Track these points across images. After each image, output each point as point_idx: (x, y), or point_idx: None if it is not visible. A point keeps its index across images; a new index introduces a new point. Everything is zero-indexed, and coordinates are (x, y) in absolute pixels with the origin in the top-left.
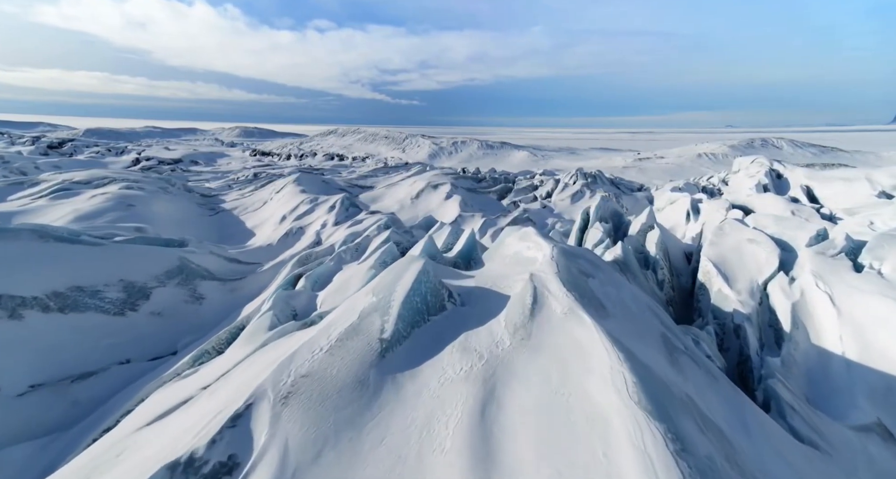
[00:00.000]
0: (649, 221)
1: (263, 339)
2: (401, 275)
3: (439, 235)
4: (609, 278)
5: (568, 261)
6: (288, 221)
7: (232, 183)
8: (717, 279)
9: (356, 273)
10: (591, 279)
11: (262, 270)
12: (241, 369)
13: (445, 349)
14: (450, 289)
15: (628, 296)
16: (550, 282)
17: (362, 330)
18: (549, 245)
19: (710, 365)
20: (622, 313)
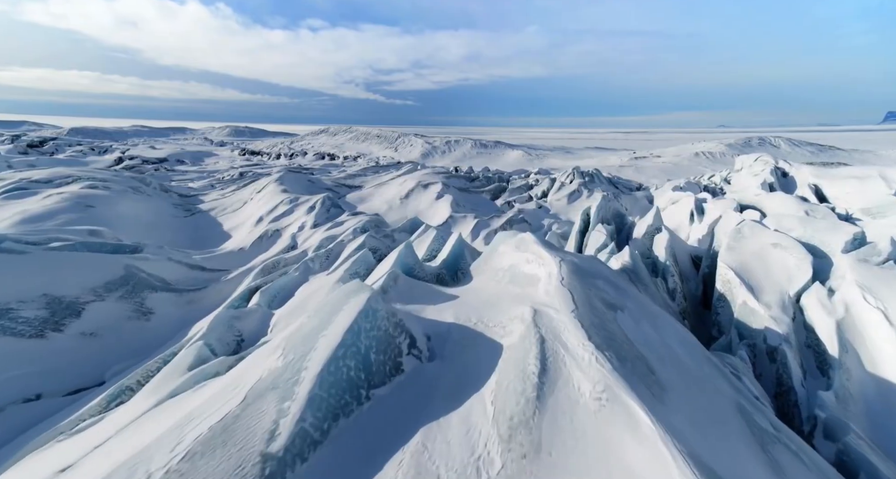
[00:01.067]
0: (656, 222)
1: (174, 386)
2: (330, 317)
3: (423, 241)
4: (642, 307)
5: (584, 285)
6: (264, 223)
7: (215, 183)
8: (741, 290)
9: (322, 286)
10: (619, 314)
11: (227, 278)
12: (120, 441)
13: (386, 472)
14: (411, 333)
15: (673, 336)
16: (566, 329)
17: (238, 432)
18: (554, 259)
19: (816, 458)
20: (678, 378)
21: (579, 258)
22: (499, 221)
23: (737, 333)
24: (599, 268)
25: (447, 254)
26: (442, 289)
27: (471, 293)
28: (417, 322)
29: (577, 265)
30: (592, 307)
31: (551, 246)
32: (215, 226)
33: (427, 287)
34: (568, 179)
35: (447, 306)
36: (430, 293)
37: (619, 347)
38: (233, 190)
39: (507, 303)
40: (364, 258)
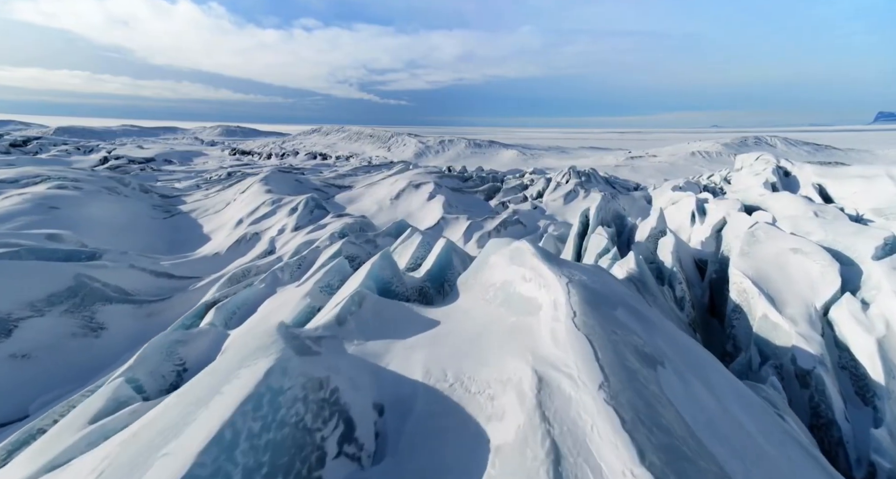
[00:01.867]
0: (660, 225)
1: (59, 450)
2: (197, 410)
3: (406, 247)
4: (680, 348)
5: (604, 324)
6: (243, 226)
7: (201, 183)
8: (760, 302)
9: (288, 301)
10: (661, 371)
11: (196, 286)
12: None
13: None
14: (349, 415)
15: (730, 395)
16: (596, 429)
17: None
18: (559, 280)
19: None
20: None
21: (587, 274)
22: (492, 223)
23: (757, 350)
24: (613, 286)
25: (431, 264)
26: (420, 311)
27: (454, 321)
28: (367, 386)
29: (588, 288)
30: (626, 369)
31: (551, 258)
32: (195, 228)
33: (401, 309)
34: (564, 179)
35: (420, 343)
36: (403, 320)
37: (678, 451)
38: (217, 190)
39: (499, 343)
40: (338, 268)
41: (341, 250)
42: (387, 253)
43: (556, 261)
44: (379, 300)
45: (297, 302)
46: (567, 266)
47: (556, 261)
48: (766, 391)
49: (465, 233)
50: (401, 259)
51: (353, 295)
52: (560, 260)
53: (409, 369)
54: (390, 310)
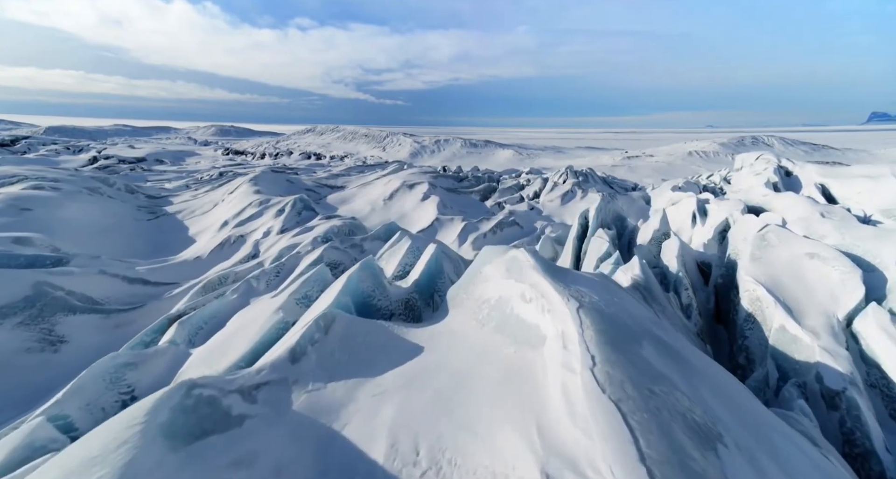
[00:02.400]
0: (663, 227)
1: None
2: None
3: (394, 253)
4: (743, 414)
5: (635, 375)
6: (228, 228)
7: (191, 183)
8: (777, 312)
9: (259, 315)
10: (723, 453)
11: (172, 293)
12: None
13: None
14: None
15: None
16: None
17: None
18: (567, 304)
19: None
20: None
21: (596, 290)
22: (488, 225)
23: (774, 365)
24: (631, 308)
25: (420, 273)
26: (402, 332)
27: (439, 350)
28: (303, 470)
29: (603, 315)
30: (681, 464)
31: (554, 272)
32: (180, 230)
33: (379, 333)
34: (561, 179)
35: (394, 387)
36: (380, 349)
37: None
38: (206, 191)
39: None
40: (318, 277)
41: (322, 257)
42: (368, 263)
43: (560, 274)
44: (352, 322)
45: (268, 317)
46: (573, 281)
47: (559, 275)
48: (799, 423)
49: (460, 235)
50: (388, 266)
51: (319, 319)
52: (564, 272)
53: (371, 434)
54: (365, 334)
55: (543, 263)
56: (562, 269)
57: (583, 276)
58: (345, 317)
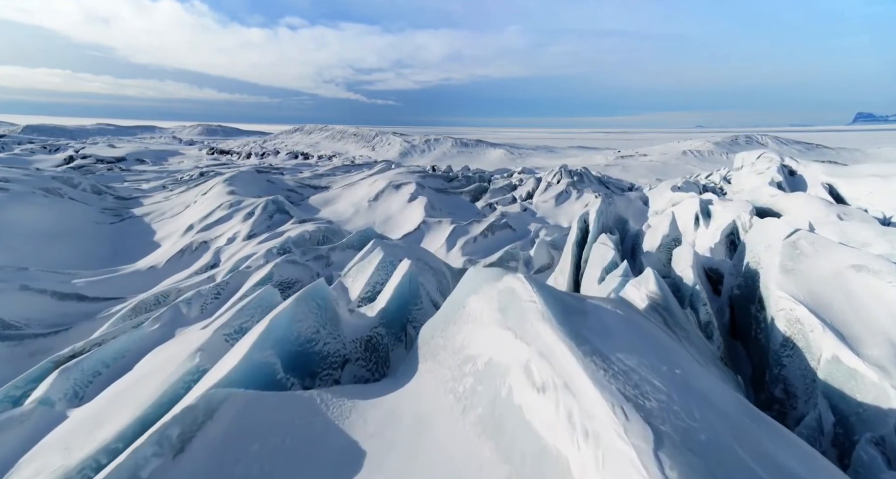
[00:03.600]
0: (673, 232)
1: None
2: None
3: (363, 269)
4: None
5: None
6: (192, 233)
7: (169, 183)
8: (827, 338)
9: (173, 358)
10: None
11: (109, 312)
12: None
13: None
14: None
15: None
16: None
17: None
18: (627, 429)
19: None
20: None
21: (648, 356)
22: (479, 228)
23: (828, 405)
24: (729, 408)
25: (388, 300)
26: (337, 416)
27: (391, 455)
28: None
29: (699, 457)
30: None
31: (570, 312)
32: (146, 234)
33: (294, 420)
34: (555, 179)
35: None
36: (290, 454)
37: None
38: (181, 192)
39: None
40: (260, 303)
41: (272, 275)
42: (312, 291)
43: (578, 318)
44: (251, 405)
45: (180, 362)
46: (602, 333)
47: (578, 320)
48: None
49: (448, 239)
50: (355, 285)
51: (187, 411)
52: (581, 312)
53: None
54: (270, 427)
55: (554, 302)
56: (576, 302)
57: (608, 314)
58: (240, 397)
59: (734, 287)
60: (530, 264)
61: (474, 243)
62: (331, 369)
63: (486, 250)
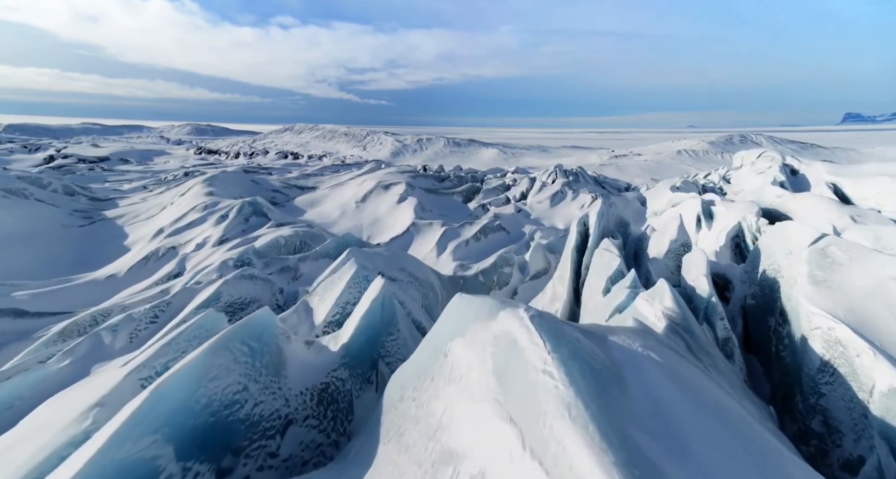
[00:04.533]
0: (682, 237)
1: None
2: None
3: (332, 285)
4: None
5: None
6: (160, 237)
7: (151, 184)
8: (880, 366)
9: (65, 414)
10: None
11: (52, 330)
12: None
13: None
14: None
15: None
16: None
17: None
18: None
19: None
20: None
21: None
22: (471, 230)
23: (887, 448)
24: None
25: (352, 333)
26: None
27: None
28: None
29: None
30: None
31: (609, 393)
32: (116, 238)
33: None
34: (550, 179)
35: None
36: None
37: None
38: (160, 192)
39: None
40: (200, 332)
41: (218, 295)
42: (246, 328)
43: (647, 443)
44: None
45: (67, 423)
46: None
47: (647, 450)
48: None
49: (439, 242)
50: (322, 305)
51: None
52: (642, 415)
53: None
54: None
55: (581, 373)
56: (602, 353)
57: (651, 375)
58: None
59: (747, 296)
60: (525, 270)
61: (466, 247)
62: (264, 439)
63: (478, 254)
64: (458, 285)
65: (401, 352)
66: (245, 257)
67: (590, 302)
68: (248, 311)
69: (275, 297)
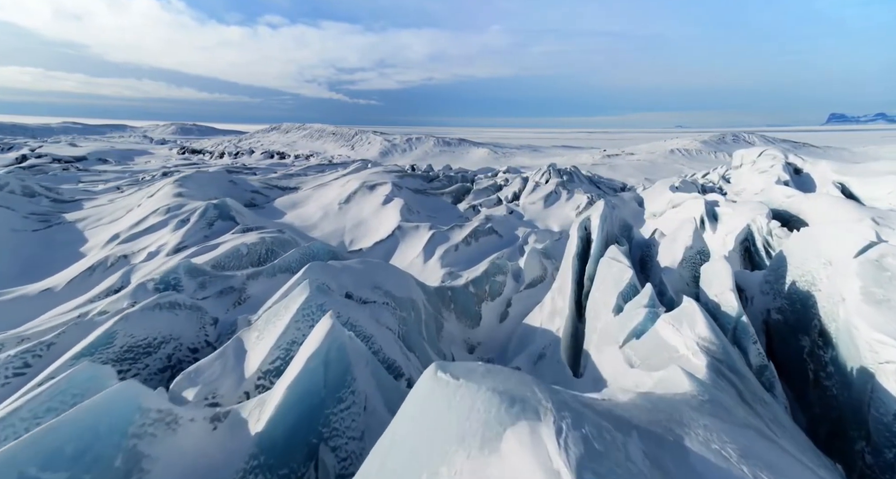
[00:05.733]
0: (697, 244)
1: None
2: None
3: (276, 317)
4: None
5: None
6: (113, 244)
7: (124, 184)
8: None
9: None
10: None
11: None
12: None
13: None
14: None
15: None
16: None
17: None
18: None
19: None
20: None
21: None
22: (461, 234)
23: None
24: None
25: (273, 413)
26: None
27: None
28: None
29: None
30: None
31: None
32: (74, 243)
33: None
34: (543, 179)
35: None
36: None
37: None
38: (131, 193)
39: None
40: (61, 396)
41: (111, 336)
42: (65, 428)
43: None
44: None
45: None
46: None
47: None
48: None
49: (426, 247)
50: (260, 344)
51: None
52: None
53: None
54: None
55: None
56: None
57: None
58: None
59: (772, 310)
60: (520, 278)
61: (455, 252)
62: None
63: (468, 260)
64: (445, 297)
65: (355, 427)
66: (171, 278)
67: (597, 321)
68: (156, 356)
69: (203, 332)
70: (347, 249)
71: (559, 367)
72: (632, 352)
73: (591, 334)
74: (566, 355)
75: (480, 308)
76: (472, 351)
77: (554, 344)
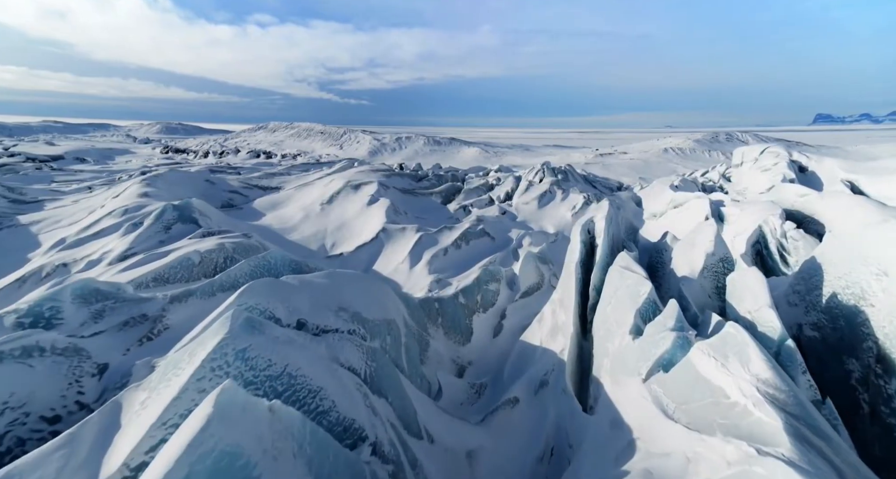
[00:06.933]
0: (720, 250)
1: None
2: None
3: (177, 368)
4: None
5: None
6: (56, 251)
7: (96, 184)
8: None
9: None
10: None
11: None
12: None
13: None
14: None
15: None
16: None
17: None
18: None
19: None
20: None
21: None
22: (450, 236)
23: None
24: None
25: None
26: None
27: None
28: None
29: None
30: None
31: None
32: (22, 249)
33: None
34: (537, 178)
35: None
36: None
37: None
38: (98, 194)
39: None
40: None
41: None
42: None
43: None
44: None
45: None
46: None
47: None
48: None
49: (413, 251)
50: (143, 414)
51: None
52: None
53: None
54: None
55: None
56: None
57: None
58: None
59: (804, 325)
60: (515, 285)
61: (444, 257)
62: None
63: (458, 266)
64: (432, 310)
65: None
66: (45, 307)
67: (608, 342)
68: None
69: (74, 388)
70: (328, 253)
71: (565, 399)
72: (660, 390)
73: (601, 358)
74: (572, 383)
75: (471, 321)
76: (461, 374)
77: (557, 369)
